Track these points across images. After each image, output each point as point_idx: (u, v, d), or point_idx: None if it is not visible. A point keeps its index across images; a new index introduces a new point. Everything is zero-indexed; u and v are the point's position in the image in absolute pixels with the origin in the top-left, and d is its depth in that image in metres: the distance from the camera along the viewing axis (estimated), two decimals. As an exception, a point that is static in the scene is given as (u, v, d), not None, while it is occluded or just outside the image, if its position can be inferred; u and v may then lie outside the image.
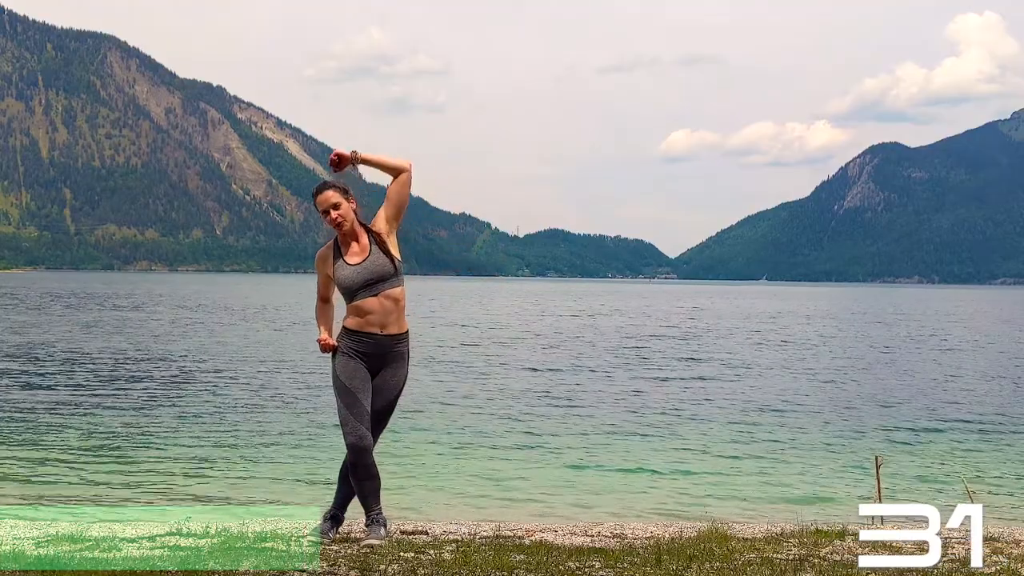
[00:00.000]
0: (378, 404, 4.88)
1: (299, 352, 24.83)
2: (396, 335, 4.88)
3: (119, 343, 26.52)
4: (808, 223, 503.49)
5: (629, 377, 20.52)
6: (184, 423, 13.11)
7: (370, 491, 4.88)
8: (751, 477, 10.38)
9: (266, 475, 9.96)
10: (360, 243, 4.88)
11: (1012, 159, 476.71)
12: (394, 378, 4.91)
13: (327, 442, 11.73)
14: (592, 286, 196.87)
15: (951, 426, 14.31)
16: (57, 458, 10.50)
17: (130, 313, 44.16)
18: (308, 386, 17.57)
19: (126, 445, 11.43)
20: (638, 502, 9.10)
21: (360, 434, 4.79)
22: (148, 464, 10.36)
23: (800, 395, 18.00)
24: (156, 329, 33.03)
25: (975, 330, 44.09)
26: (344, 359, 4.85)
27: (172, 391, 16.57)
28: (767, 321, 49.59)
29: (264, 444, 11.67)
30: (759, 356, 26.97)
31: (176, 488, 9.24)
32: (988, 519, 5.44)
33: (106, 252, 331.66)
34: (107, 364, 20.86)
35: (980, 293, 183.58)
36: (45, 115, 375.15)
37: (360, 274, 4.79)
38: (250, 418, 13.68)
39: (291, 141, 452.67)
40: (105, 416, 13.53)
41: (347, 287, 4.82)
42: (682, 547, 4.89)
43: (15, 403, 14.65)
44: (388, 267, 4.83)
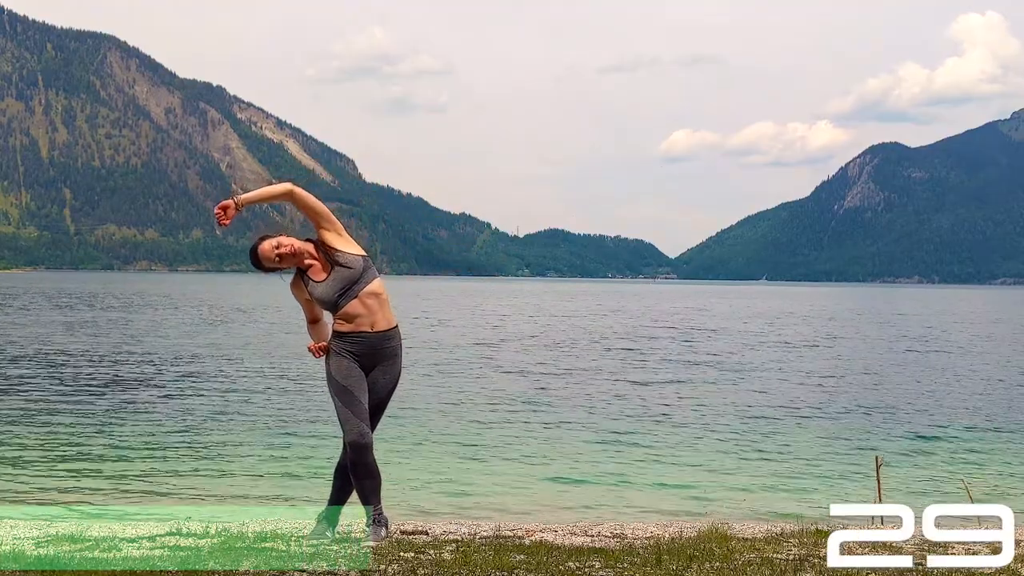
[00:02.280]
0: (371, 402, 4.90)
1: (299, 351, 24.84)
2: (386, 331, 4.90)
3: (118, 343, 26.52)
4: (808, 223, 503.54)
5: (629, 377, 20.52)
6: (184, 423, 13.11)
7: (371, 490, 4.88)
8: (751, 477, 10.38)
9: (266, 475, 9.96)
10: (318, 259, 4.90)
11: (1012, 159, 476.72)
12: (386, 376, 4.93)
13: (327, 441, 11.73)
14: (593, 286, 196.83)
15: (951, 426, 14.31)
16: (57, 458, 10.50)
17: (129, 313, 44.17)
18: (308, 385, 17.57)
19: (126, 445, 11.43)
20: (638, 502, 9.10)
21: (361, 431, 4.80)
22: (148, 464, 10.36)
23: (800, 395, 18.00)
24: (155, 329, 33.03)
25: (975, 330, 44.09)
26: (337, 359, 4.87)
27: (172, 391, 16.56)
28: (770, 321, 49.58)
29: (264, 443, 11.67)
30: (759, 356, 26.97)
31: (176, 488, 9.24)
32: (988, 519, 5.44)
33: (106, 252, 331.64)
34: (106, 364, 20.86)
35: (980, 293, 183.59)
36: (45, 115, 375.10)
37: (332, 286, 4.82)
38: (250, 418, 13.68)
39: (291, 141, 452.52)
40: (105, 416, 13.53)
41: (326, 301, 4.85)
42: (682, 547, 4.89)
43: (15, 403, 14.65)
44: (354, 268, 4.84)
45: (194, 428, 12.73)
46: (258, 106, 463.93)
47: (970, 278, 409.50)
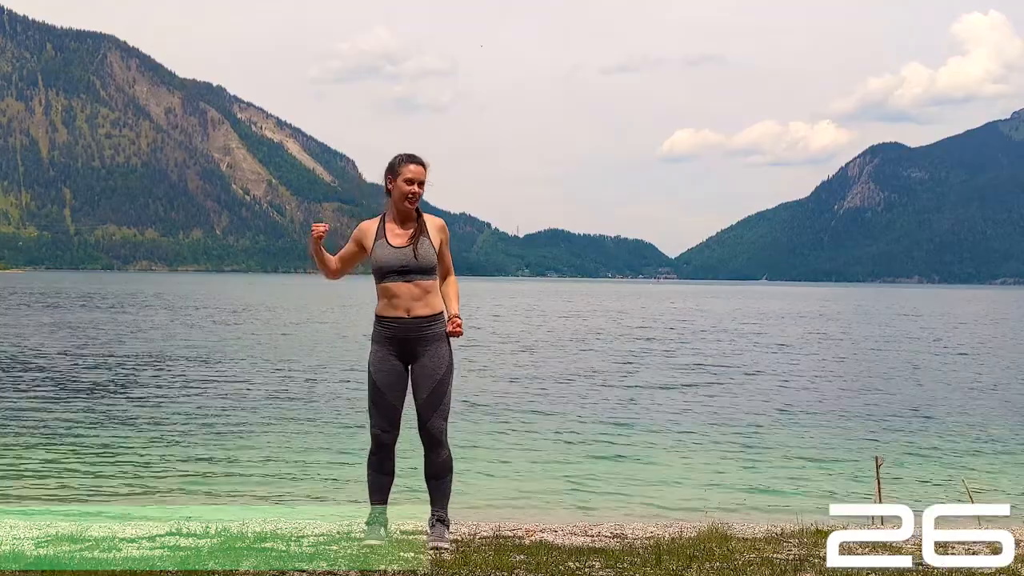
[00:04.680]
0: (422, 394, 4.80)
1: (299, 351, 24.84)
2: (425, 317, 4.77)
3: (118, 343, 26.51)
4: (808, 223, 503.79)
5: (629, 377, 20.51)
6: (184, 423, 13.10)
7: (377, 487, 4.89)
8: (751, 477, 10.37)
9: (266, 475, 9.94)
10: (407, 227, 4.79)
11: (1012, 159, 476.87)
12: (431, 363, 4.79)
13: (327, 441, 11.73)
14: (593, 286, 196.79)
15: (951, 426, 14.30)
16: (57, 458, 10.49)
17: (128, 313, 44.16)
18: (308, 385, 17.57)
19: (125, 445, 11.42)
20: (638, 502, 9.10)
21: (381, 427, 4.84)
22: (148, 464, 10.35)
23: (800, 395, 17.99)
24: (154, 329, 33.02)
25: (975, 330, 44.08)
26: (375, 348, 4.83)
27: (171, 391, 16.55)
28: (770, 321, 49.56)
29: (264, 443, 11.66)
30: (759, 357, 26.96)
31: (176, 488, 9.23)
32: (988, 519, 5.43)
33: (106, 252, 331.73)
34: (106, 364, 20.85)
35: (980, 293, 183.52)
36: (45, 115, 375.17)
37: (397, 257, 4.71)
38: (250, 418, 13.67)
39: (291, 141, 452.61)
40: (104, 416, 13.52)
41: (381, 265, 4.72)
42: (682, 547, 4.89)
43: (14, 403, 14.65)
44: (431, 258, 4.76)
45: (194, 428, 12.71)
46: (258, 106, 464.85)
47: (970, 278, 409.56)
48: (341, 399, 15.82)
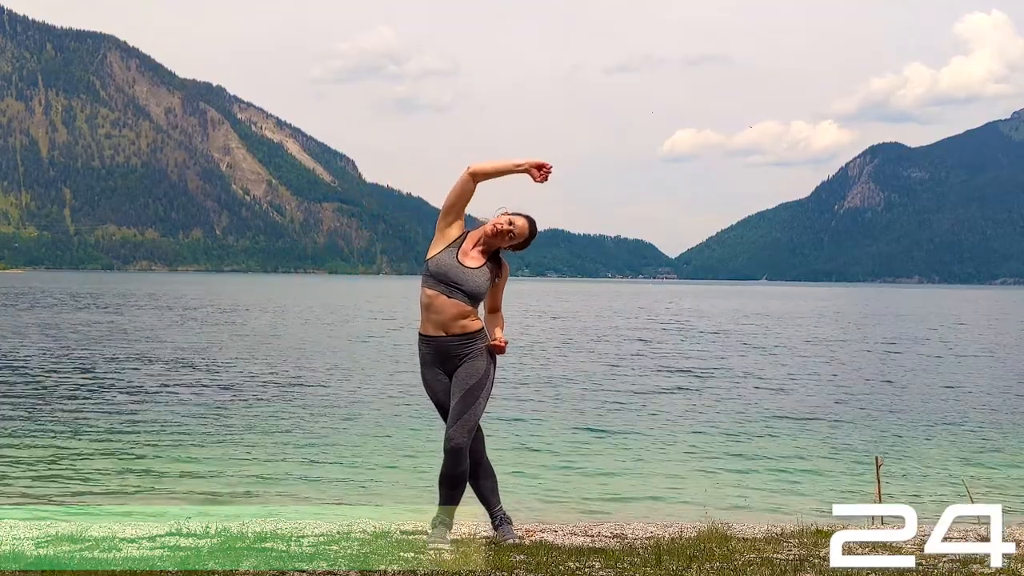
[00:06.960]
0: (452, 401, 4.85)
1: (299, 351, 24.84)
2: (460, 335, 4.83)
3: (118, 343, 26.52)
4: (808, 223, 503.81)
5: (629, 377, 20.52)
6: (184, 422, 13.10)
7: (447, 498, 4.94)
8: (751, 477, 10.37)
9: (266, 475, 9.95)
10: (482, 253, 4.86)
11: (1012, 159, 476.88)
12: (465, 372, 4.84)
13: (327, 440, 11.73)
14: (593, 286, 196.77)
15: (951, 426, 14.30)
16: (57, 458, 10.49)
17: (127, 314, 44.16)
18: (308, 385, 17.56)
19: (125, 445, 11.42)
20: (638, 502, 9.10)
21: (446, 436, 4.84)
22: (148, 464, 10.35)
23: (800, 395, 18.00)
24: (153, 329, 33.02)
25: (975, 330, 44.08)
26: (424, 369, 4.96)
27: (170, 390, 16.55)
28: (771, 321, 49.56)
29: (264, 443, 11.66)
30: (759, 357, 26.96)
31: (177, 488, 9.24)
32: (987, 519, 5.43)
33: (106, 252, 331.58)
34: (106, 364, 20.85)
35: (980, 293, 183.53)
36: (45, 115, 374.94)
37: (456, 272, 4.77)
38: (248, 417, 13.67)
39: (291, 141, 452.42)
40: (105, 416, 13.52)
41: (439, 265, 4.80)
42: (682, 547, 4.89)
43: (14, 403, 14.65)
44: (483, 287, 4.82)
45: (194, 428, 12.71)
46: (258, 106, 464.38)
47: (970, 278, 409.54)
48: (342, 399, 15.82)
